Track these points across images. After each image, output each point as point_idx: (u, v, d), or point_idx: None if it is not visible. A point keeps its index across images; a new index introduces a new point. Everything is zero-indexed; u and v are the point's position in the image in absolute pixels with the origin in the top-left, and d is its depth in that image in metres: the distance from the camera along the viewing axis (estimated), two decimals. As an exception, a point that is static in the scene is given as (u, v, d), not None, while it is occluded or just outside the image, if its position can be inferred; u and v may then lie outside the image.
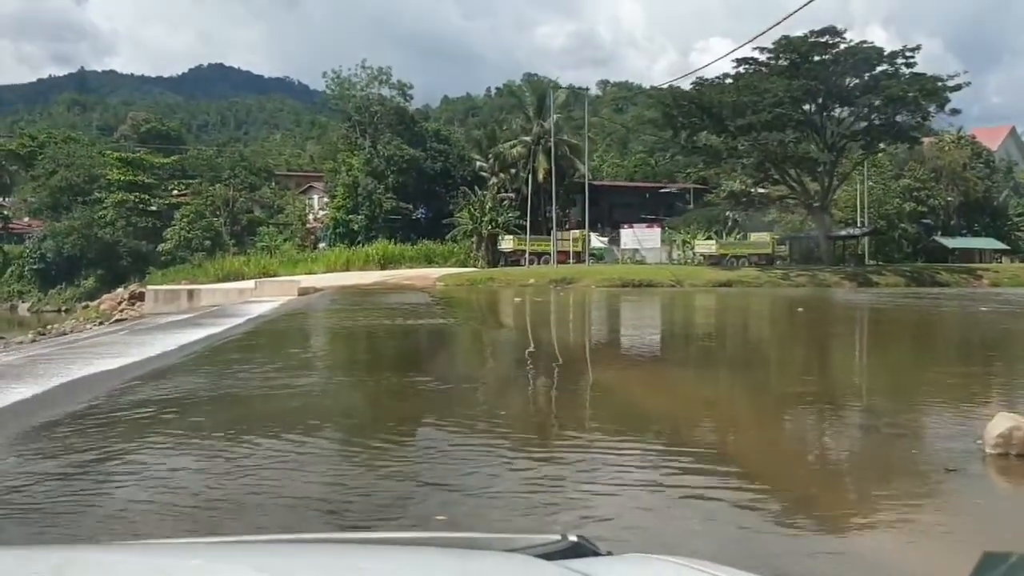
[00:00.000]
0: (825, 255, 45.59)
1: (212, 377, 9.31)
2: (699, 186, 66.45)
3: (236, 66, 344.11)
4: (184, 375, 9.69)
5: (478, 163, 59.73)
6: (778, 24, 40.16)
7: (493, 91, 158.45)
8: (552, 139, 48.61)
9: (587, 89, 44.51)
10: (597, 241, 49.84)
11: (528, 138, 58.03)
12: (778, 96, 39.39)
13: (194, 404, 7.58)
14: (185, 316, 28.18)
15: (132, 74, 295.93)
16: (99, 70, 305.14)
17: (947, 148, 68.22)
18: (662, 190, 67.19)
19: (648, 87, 43.28)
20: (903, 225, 61.76)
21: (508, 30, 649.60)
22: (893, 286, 40.20)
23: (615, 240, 50.82)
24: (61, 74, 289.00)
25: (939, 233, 65.93)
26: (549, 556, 1.67)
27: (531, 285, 36.92)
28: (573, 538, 1.77)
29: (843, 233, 50.42)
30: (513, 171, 58.51)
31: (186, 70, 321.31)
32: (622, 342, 15.67)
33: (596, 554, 1.76)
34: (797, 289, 37.90)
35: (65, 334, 33.86)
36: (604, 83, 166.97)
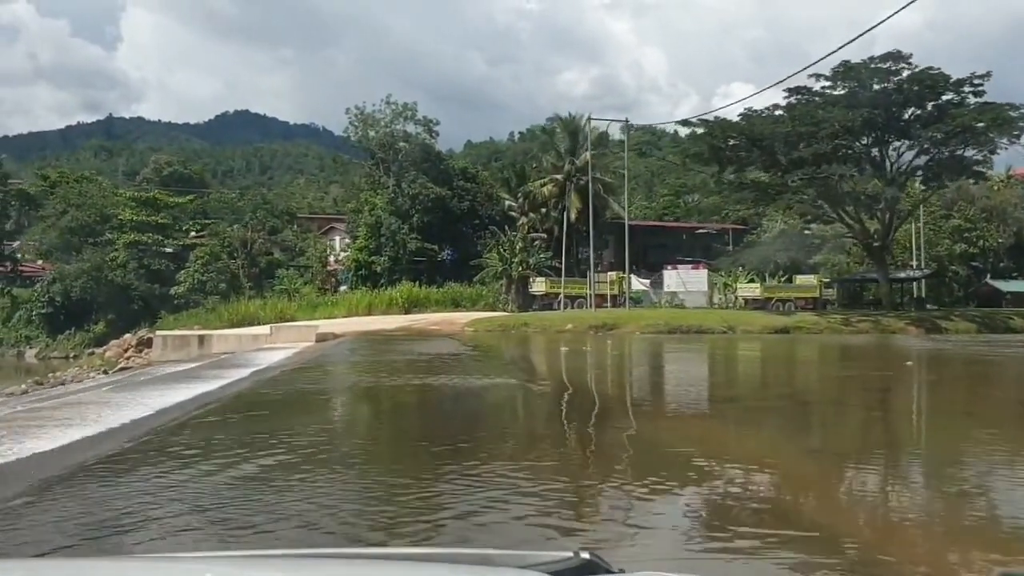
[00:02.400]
0: (885, 298, 42.10)
1: (147, 483, 6.15)
2: (738, 226, 63.54)
3: (262, 112, 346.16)
4: (125, 472, 6.59)
5: (507, 202, 56.98)
6: (802, 71, 37.64)
7: (516, 136, 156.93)
8: (589, 173, 45.61)
9: (627, 120, 41.27)
10: (638, 283, 46.58)
11: (560, 176, 55.30)
12: (835, 127, 36.34)
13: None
14: (187, 366, 25.42)
15: (159, 120, 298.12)
16: (127, 116, 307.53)
17: (996, 188, 65.14)
18: (699, 231, 64.25)
19: (694, 119, 39.81)
20: (953, 267, 58.51)
21: (531, 77, 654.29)
22: (964, 332, 36.82)
23: (657, 282, 47.58)
24: (90, 121, 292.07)
25: (988, 276, 62.61)
26: (561, 573, 1.67)
27: (569, 331, 33.78)
28: (585, 555, 1.73)
29: (902, 275, 46.98)
30: (544, 211, 55.77)
31: (212, 117, 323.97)
32: (745, 421, 10.68)
33: (608, 572, 1.74)
34: (861, 336, 34.60)
35: (64, 384, 31.43)
36: (628, 127, 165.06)
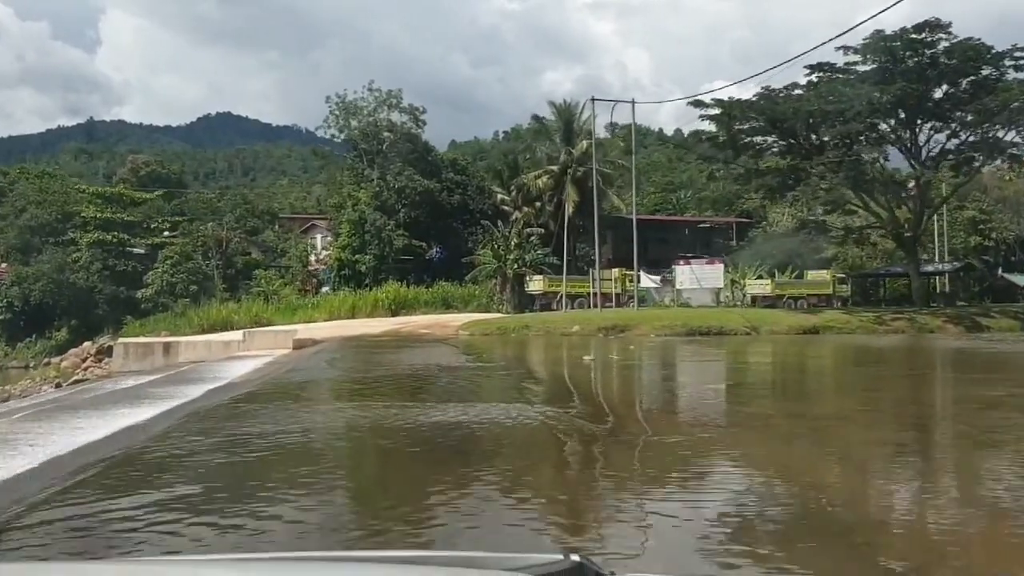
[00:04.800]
0: (916, 294, 38.70)
1: None
2: (743, 220, 60.41)
3: (244, 115, 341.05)
4: None
5: (499, 196, 53.35)
6: (781, 65, 34.40)
7: (501, 135, 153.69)
8: (594, 159, 41.98)
9: (632, 101, 37.56)
10: (647, 280, 43.06)
11: (555, 167, 51.81)
12: (864, 105, 32.88)
13: None
14: (140, 381, 21.97)
15: (140, 123, 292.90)
16: (108, 120, 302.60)
17: (1009, 178, 62.35)
18: (702, 225, 60.98)
19: (709, 99, 36.04)
20: (970, 260, 55.74)
21: (515, 77, 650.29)
22: (1007, 330, 33.60)
23: (668, 279, 44.15)
24: (71, 124, 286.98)
25: (1000, 269, 59.89)
26: None
27: (576, 334, 30.31)
28: (576, 558, 1.70)
29: (929, 269, 43.79)
30: (538, 204, 52.30)
31: (194, 119, 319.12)
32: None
33: (599, 575, 1.70)
34: (899, 336, 31.38)
35: (9, 399, 28.11)
36: (613, 126, 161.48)
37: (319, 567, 1.88)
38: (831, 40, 35.90)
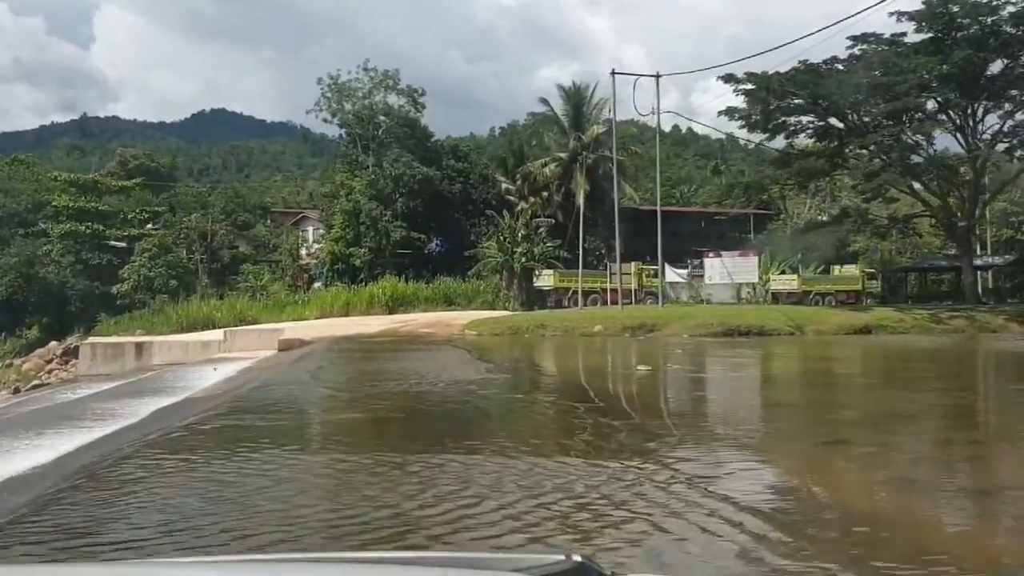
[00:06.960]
0: (970, 290, 35.20)
1: None
2: (760, 211, 57.11)
3: (239, 111, 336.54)
4: None
5: (503, 185, 49.80)
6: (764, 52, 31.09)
7: (498, 131, 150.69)
8: (614, 136, 38.66)
9: (657, 74, 33.74)
10: (673, 275, 39.70)
11: (564, 155, 48.31)
12: (917, 79, 29.37)
13: None
14: (85, 392, 18.85)
15: (135, 119, 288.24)
16: (102, 116, 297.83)
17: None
18: (717, 216, 57.65)
19: (742, 74, 32.45)
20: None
21: (511, 73, 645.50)
22: (1077, 330, 30.21)
23: (696, 273, 40.82)
24: (65, 120, 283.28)
25: (1024, 265, 56.74)
26: None
27: (599, 334, 26.81)
28: (577, 558, 1.70)
29: (978, 263, 40.47)
30: (545, 194, 48.81)
31: (189, 115, 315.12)
32: None
33: (600, 575, 1.71)
34: (959, 335, 28.01)
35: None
36: (609, 122, 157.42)
37: (317, 569, 1.84)
38: (826, 27, 32.46)
